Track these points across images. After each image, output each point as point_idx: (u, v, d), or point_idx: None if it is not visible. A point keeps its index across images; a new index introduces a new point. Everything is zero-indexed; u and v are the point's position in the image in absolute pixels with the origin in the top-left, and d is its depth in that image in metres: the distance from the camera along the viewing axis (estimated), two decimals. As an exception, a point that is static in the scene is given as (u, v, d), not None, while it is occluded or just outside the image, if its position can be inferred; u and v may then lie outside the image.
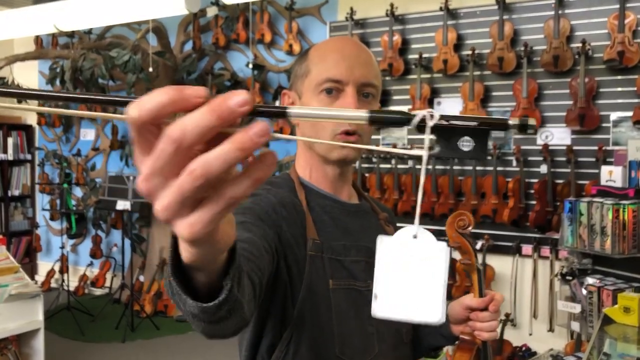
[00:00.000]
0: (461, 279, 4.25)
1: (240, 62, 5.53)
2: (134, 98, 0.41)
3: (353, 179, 1.23)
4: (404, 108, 4.57)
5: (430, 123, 0.50)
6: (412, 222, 0.53)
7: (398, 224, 1.21)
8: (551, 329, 3.96)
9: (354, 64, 1.08)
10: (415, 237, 0.54)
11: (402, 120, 0.50)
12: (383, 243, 0.54)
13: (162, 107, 0.39)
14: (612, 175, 3.35)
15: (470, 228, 1.14)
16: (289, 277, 1.01)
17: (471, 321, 1.10)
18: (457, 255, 1.17)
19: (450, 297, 4.24)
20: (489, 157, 4.18)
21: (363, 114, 0.48)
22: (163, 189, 0.40)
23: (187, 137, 0.39)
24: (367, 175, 4.63)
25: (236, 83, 5.40)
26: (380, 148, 0.90)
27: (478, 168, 4.23)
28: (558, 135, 4.04)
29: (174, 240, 0.57)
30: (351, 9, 4.70)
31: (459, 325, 1.16)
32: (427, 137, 0.50)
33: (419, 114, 0.50)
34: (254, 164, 0.41)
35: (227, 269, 0.59)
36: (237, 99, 0.39)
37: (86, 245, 6.54)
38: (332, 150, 1.10)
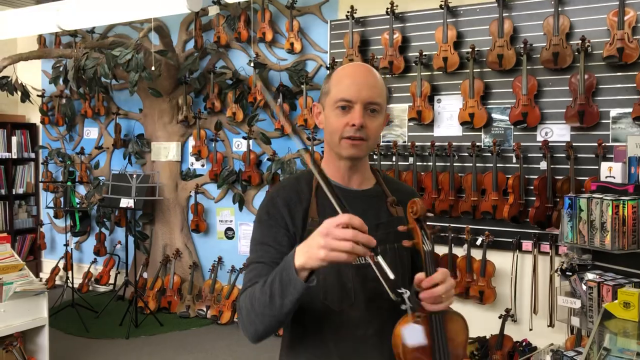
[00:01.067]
0: (461, 275, 4.28)
1: (241, 60, 5.56)
2: None
3: (375, 168, 1.61)
4: (405, 105, 4.60)
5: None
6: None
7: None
8: (551, 324, 3.98)
9: (362, 87, 1.42)
10: None
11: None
12: None
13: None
14: (611, 171, 3.36)
15: (420, 214, 1.35)
16: (292, 247, 1.31)
17: (422, 294, 1.33)
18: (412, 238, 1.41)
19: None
20: (490, 154, 4.21)
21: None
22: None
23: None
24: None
25: (238, 81, 5.43)
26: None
27: (478, 165, 4.25)
28: (558, 132, 4.06)
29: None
30: (352, 7, 4.72)
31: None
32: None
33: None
34: None
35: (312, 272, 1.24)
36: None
37: (90, 242, 6.59)
38: (343, 150, 1.45)
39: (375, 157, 4.62)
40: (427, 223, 1.39)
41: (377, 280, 1.35)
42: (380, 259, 1.22)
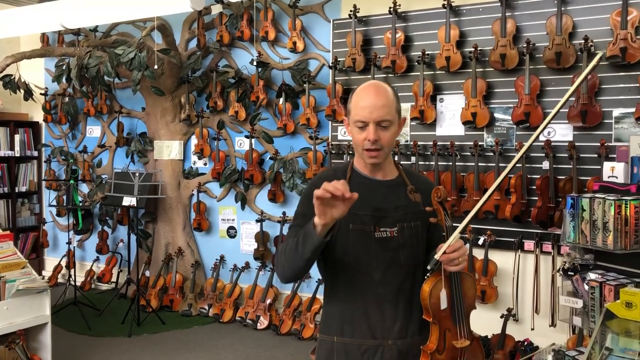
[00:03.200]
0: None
1: (244, 59, 5.56)
2: None
3: (398, 162, 1.97)
4: (407, 105, 4.60)
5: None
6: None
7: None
8: (553, 324, 3.98)
9: (374, 109, 1.75)
10: None
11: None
12: None
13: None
14: (614, 171, 3.36)
15: (443, 198, 1.75)
16: None
17: (442, 257, 1.71)
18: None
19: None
20: (492, 153, 4.20)
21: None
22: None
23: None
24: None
25: (240, 80, 5.43)
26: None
27: (480, 164, 4.25)
28: (560, 132, 4.06)
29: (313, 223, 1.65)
30: (354, 6, 4.72)
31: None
32: None
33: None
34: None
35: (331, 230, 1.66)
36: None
37: (92, 240, 6.60)
38: (365, 159, 1.83)
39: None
40: (447, 205, 1.78)
41: (395, 250, 1.81)
42: (429, 266, 1.75)
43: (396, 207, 1.84)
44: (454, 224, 1.78)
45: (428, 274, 1.77)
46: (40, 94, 6.71)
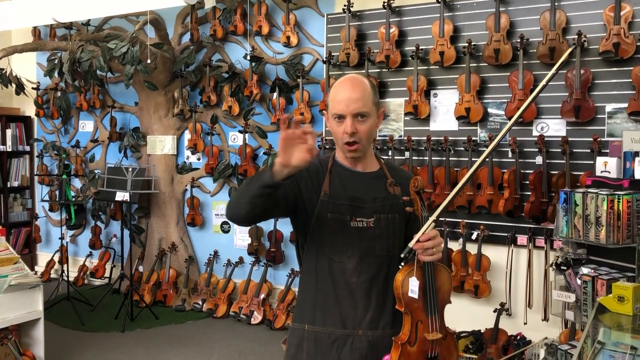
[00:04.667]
0: (456, 269, 4.30)
1: (238, 54, 5.54)
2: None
3: (379, 156, 2.01)
4: (401, 100, 4.60)
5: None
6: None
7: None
8: (546, 318, 4.00)
9: (350, 102, 1.79)
10: None
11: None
12: None
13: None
14: (607, 166, 3.37)
15: (420, 188, 1.80)
16: (306, 210, 1.85)
17: (415, 245, 1.73)
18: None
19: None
20: (485, 148, 4.20)
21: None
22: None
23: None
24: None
25: (234, 75, 5.41)
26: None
27: (474, 159, 4.25)
28: (553, 127, 4.07)
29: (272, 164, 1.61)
30: (348, 1, 4.71)
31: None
32: None
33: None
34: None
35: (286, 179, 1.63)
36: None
37: (85, 236, 6.57)
38: (345, 152, 1.87)
39: (371, 151, 4.62)
40: (425, 196, 1.83)
41: (370, 240, 1.84)
42: (403, 255, 1.74)
43: (374, 198, 1.86)
44: (439, 218, 1.79)
45: (402, 263, 1.77)
46: (32, 88, 6.66)
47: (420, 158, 4.54)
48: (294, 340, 1.92)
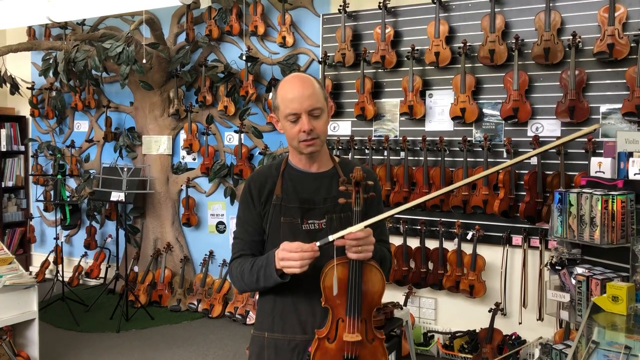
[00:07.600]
0: (452, 269, 4.30)
1: (233, 54, 5.54)
2: None
3: (333, 155, 1.98)
4: (396, 100, 4.60)
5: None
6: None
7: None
8: (540, 318, 4.01)
9: (303, 99, 1.76)
10: None
11: None
12: None
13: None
14: (601, 166, 3.38)
15: (357, 179, 1.69)
16: (265, 218, 1.86)
17: (337, 241, 1.67)
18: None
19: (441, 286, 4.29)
20: (480, 149, 4.22)
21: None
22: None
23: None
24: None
25: (229, 75, 5.41)
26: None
27: (469, 159, 4.27)
28: (548, 127, 4.08)
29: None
30: (344, 1, 4.71)
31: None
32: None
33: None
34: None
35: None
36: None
37: (80, 236, 6.56)
38: (303, 149, 1.83)
39: (367, 151, 4.63)
40: (365, 190, 1.72)
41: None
42: (318, 243, 1.65)
43: (324, 199, 1.84)
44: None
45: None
46: (27, 88, 6.64)
47: (416, 158, 4.55)
48: (255, 349, 1.91)
